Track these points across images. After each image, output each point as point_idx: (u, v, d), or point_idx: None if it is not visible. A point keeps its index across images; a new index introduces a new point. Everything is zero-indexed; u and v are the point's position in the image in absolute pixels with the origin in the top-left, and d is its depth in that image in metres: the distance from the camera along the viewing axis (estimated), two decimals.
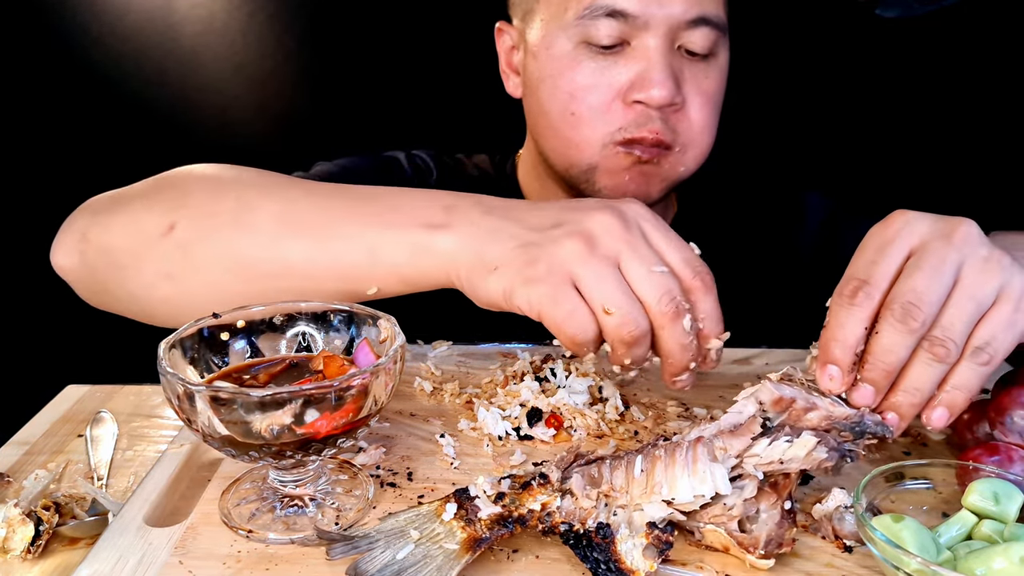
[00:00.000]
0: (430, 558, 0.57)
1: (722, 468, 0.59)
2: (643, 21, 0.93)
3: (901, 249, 0.65)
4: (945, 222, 0.66)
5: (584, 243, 0.67)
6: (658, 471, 0.60)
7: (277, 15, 1.59)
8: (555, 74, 0.99)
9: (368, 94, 1.62)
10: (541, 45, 1.00)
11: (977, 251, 0.64)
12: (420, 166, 1.17)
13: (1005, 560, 0.52)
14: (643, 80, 0.94)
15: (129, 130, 1.64)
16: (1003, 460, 0.64)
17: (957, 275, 0.63)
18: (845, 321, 0.64)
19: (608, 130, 0.97)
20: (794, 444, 0.61)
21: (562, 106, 0.99)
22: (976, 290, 0.63)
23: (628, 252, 0.67)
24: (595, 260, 0.66)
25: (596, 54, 0.96)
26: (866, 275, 0.65)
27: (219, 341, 0.68)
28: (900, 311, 0.62)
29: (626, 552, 0.56)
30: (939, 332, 0.62)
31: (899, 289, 0.63)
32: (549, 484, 0.60)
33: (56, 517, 0.64)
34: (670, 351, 0.68)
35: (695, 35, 0.95)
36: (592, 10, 0.94)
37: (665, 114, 0.96)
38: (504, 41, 1.11)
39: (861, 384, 0.64)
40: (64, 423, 0.82)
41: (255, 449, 0.59)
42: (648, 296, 0.67)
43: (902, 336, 0.62)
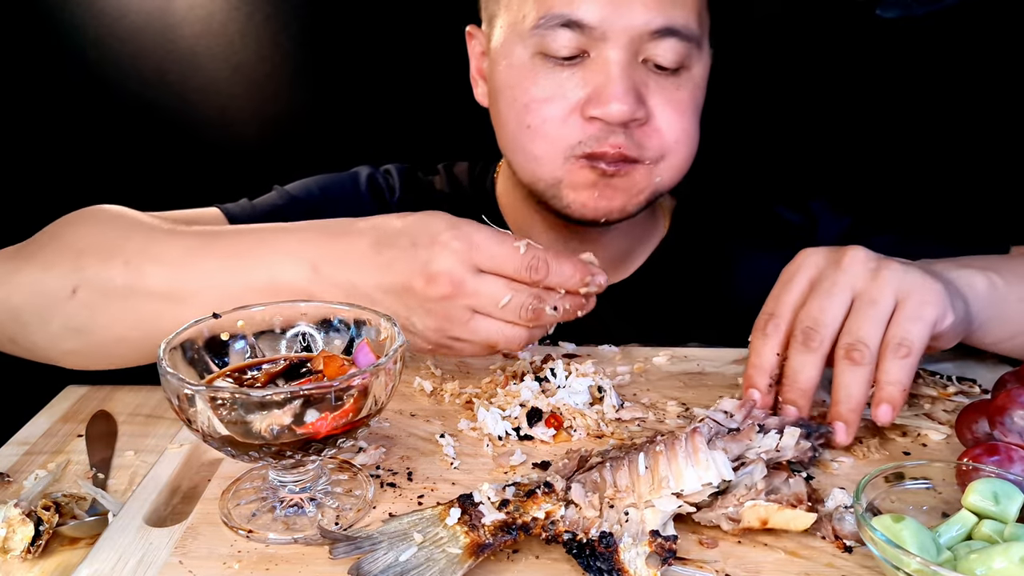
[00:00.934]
0: (433, 561, 0.57)
1: (722, 455, 0.62)
2: (601, 32, 0.88)
3: (801, 281, 0.75)
4: (836, 251, 0.75)
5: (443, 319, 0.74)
6: (662, 466, 0.61)
7: (275, 16, 1.59)
8: (512, 85, 0.95)
9: (367, 95, 1.62)
10: (500, 54, 0.97)
11: (866, 267, 0.73)
12: (381, 185, 1.14)
13: (1005, 560, 0.52)
14: (600, 95, 0.89)
15: (128, 131, 1.64)
16: (1003, 460, 0.64)
17: (853, 292, 0.72)
18: (760, 350, 0.75)
19: (568, 143, 0.93)
20: (784, 435, 0.67)
21: (518, 118, 0.95)
22: (874, 296, 0.71)
23: (475, 304, 0.74)
24: (457, 325, 0.75)
25: (554, 65, 0.92)
26: (773, 308, 0.75)
27: (219, 341, 0.68)
28: (801, 335, 0.72)
29: (629, 561, 0.56)
30: (849, 339, 0.70)
31: (799, 317, 0.73)
32: (554, 493, 0.60)
33: (56, 517, 0.64)
34: (553, 320, 0.77)
35: (661, 47, 0.90)
36: (548, 20, 0.89)
37: (629, 128, 0.91)
38: (474, 46, 1.07)
39: (783, 405, 0.74)
40: (64, 423, 0.82)
41: (255, 449, 0.59)
42: (511, 319, 0.75)
43: (805, 356, 0.72)
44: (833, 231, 1.13)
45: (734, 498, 0.61)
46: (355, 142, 1.63)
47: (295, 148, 1.65)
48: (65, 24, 1.57)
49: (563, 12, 0.89)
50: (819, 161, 1.56)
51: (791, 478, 0.63)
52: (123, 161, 1.65)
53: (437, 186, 1.18)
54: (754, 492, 0.61)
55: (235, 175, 1.64)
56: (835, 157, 1.56)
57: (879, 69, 1.50)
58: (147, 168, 1.66)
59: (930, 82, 1.49)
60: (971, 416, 0.71)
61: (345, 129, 1.65)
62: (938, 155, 1.53)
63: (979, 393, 0.84)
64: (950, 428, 0.77)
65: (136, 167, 1.66)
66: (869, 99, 1.53)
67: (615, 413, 0.80)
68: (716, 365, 0.92)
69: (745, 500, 0.61)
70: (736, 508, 0.61)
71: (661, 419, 0.81)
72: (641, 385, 0.88)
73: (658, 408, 0.83)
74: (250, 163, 1.65)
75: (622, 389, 0.86)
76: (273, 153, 1.67)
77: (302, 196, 1.11)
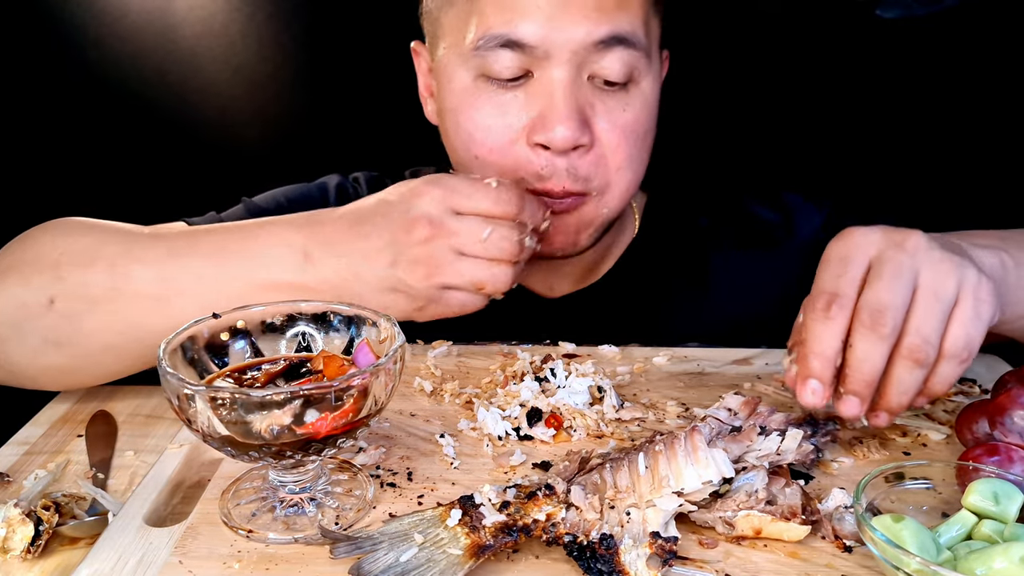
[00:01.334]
0: (433, 562, 0.57)
1: (722, 452, 0.61)
2: (544, 51, 0.84)
3: (861, 261, 0.69)
4: (896, 233, 0.70)
5: (427, 264, 0.77)
6: (662, 465, 0.61)
7: (276, 16, 1.59)
8: (456, 109, 0.92)
9: (367, 96, 1.62)
10: (444, 76, 0.93)
11: (930, 255, 0.68)
12: (350, 194, 1.12)
13: (1005, 560, 0.52)
14: (544, 120, 0.86)
15: (128, 131, 1.64)
16: (1003, 460, 0.64)
17: (916, 280, 0.67)
18: (822, 335, 0.67)
19: (515, 174, 0.90)
20: (786, 437, 0.66)
21: (465, 147, 0.92)
22: (938, 289, 0.66)
23: (456, 243, 0.77)
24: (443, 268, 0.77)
25: (497, 88, 0.88)
26: (835, 288, 0.68)
27: (219, 341, 0.68)
28: (869, 320, 0.65)
29: (630, 563, 0.56)
30: (915, 338, 0.65)
31: (865, 300, 0.66)
32: (555, 495, 0.60)
33: (56, 517, 0.64)
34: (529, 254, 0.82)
35: (608, 60, 0.86)
36: (487, 40, 0.86)
37: (571, 160, 0.88)
38: (420, 63, 1.03)
39: (846, 396, 0.67)
40: (64, 423, 0.82)
41: (255, 449, 0.59)
42: (493, 255, 0.78)
43: (874, 344, 0.65)
44: (815, 222, 1.10)
45: (733, 503, 0.61)
46: (356, 142, 1.63)
47: (296, 149, 1.65)
48: (65, 24, 1.57)
49: (502, 32, 0.85)
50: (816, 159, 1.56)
51: (788, 487, 0.63)
52: (123, 161, 1.65)
53: None
54: (754, 500, 0.61)
55: (235, 175, 1.64)
56: (834, 158, 1.56)
57: (879, 69, 1.50)
58: (147, 168, 1.66)
59: (930, 83, 1.49)
60: (971, 416, 0.71)
61: (346, 129, 1.65)
62: (937, 155, 1.53)
63: (979, 393, 0.84)
64: (950, 428, 0.77)
65: (136, 167, 1.66)
66: (868, 99, 1.53)
67: (615, 413, 0.80)
68: (716, 365, 0.92)
69: (743, 507, 0.61)
70: (733, 513, 0.61)
71: (661, 419, 0.81)
72: (641, 385, 0.88)
73: (658, 408, 0.83)
74: (251, 163, 1.65)
75: (622, 389, 0.86)
76: (274, 154, 1.67)
77: (270, 208, 1.09)
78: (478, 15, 0.87)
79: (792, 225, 1.10)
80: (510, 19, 0.85)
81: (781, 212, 1.11)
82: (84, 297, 0.80)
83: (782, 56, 1.51)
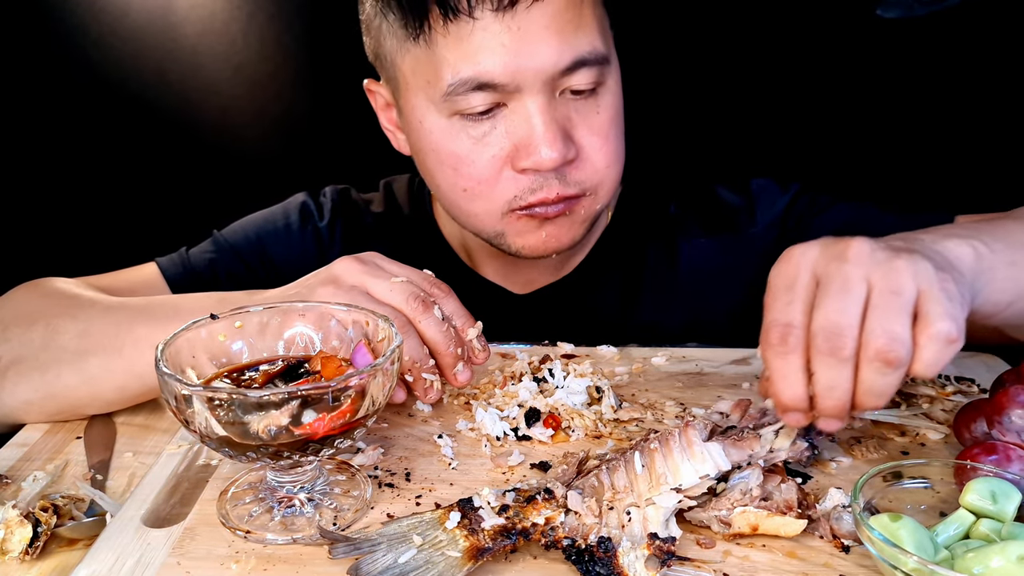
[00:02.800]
0: (432, 564, 0.57)
1: (717, 446, 0.62)
2: (515, 85, 0.85)
3: (805, 281, 0.65)
4: (837, 244, 0.65)
5: (332, 284, 0.77)
6: (658, 463, 0.61)
7: (277, 15, 1.59)
8: (435, 148, 0.92)
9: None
10: (414, 117, 0.93)
11: (875, 257, 0.63)
12: (311, 210, 1.15)
13: (1002, 559, 0.52)
14: (528, 145, 0.87)
15: (129, 131, 1.64)
16: (1001, 459, 0.64)
17: (868, 286, 0.62)
18: (783, 370, 0.63)
19: (505, 199, 0.91)
20: (779, 435, 0.67)
21: (451, 182, 0.93)
22: (894, 286, 0.61)
23: (369, 278, 0.77)
24: (343, 292, 0.76)
25: (473, 122, 0.89)
26: (786, 318, 0.64)
27: (217, 342, 0.68)
28: (826, 346, 0.61)
29: (628, 564, 0.56)
30: (880, 339, 0.60)
31: (817, 325, 0.62)
32: (554, 499, 0.60)
33: (54, 518, 0.64)
34: (435, 340, 0.76)
35: (575, 78, 0.87)
36: (457, 86, 0.86)
37: (561, 171, 0.89)
38: (377, 100, 1.04)
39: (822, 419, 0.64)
40: (62, 425, 0.82)
41: (253, 450, 0.59)
42: (396, 302, 0.75)
43: (837, 370, 0.61)
44: (778, 206, 1.09)
45: (727, 501, 0.61)
46: (355, 142, 1.63)
47: (296, 148, 1.65)
48: (67, 24, 1.57)
49: (471, 76, 0.85)
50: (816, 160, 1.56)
51: (784, 483, 0.63)
52: (124, 160, 1.65)
53: (374, 207, 1.18)
54: (748, 498, 0.61)
55: (236, 175, 1.65)
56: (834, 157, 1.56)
57: (880, 69, 1.50)
58: (148, 168, 1.66)
59: (931, 83, 1.49)
60: (969, 415, 0.71)
61: (346, 129, 1.65)
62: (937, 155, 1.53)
63: (977, 392, 0.84)
64: (948, 427, 0.77)
65: (137, 167, 1.66)
66: (869, 99, 1.53)
67: (613, 413, 0.80)
68: (714, 365, 0.92)
69: (738, 505, 0.61)
70: (728, 511, 0.61)
71: (660, 419, 0.80)
72: (639, 385, 0.88)
73: (656, 408, 0.82)
74: (251, 163, 1.65)
75: (620, 389, 0.86)
76: (274, 153, 1.67)
77: (239, 243, 1.13)
78: (441, 62, 0.86)
79: (754, 209, 1.10)
80: (477, 62, 0.85)
81: (746, 197, 1.11)
82: (18, 354, 0.83)
83: (783, 56, 1.51)
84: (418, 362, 0.75)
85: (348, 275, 0.77)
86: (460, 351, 0.77)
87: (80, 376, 0.80)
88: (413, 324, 0.75)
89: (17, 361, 0.83)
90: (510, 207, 0.91)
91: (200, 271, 1.09)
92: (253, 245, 1.14)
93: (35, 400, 0.82)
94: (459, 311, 0.79)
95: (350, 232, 1.15)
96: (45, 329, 0.84)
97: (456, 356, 0.77)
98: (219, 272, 1.10)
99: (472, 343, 0.78)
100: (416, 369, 0.75)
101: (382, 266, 0.79)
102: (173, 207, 1.64)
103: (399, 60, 0.92)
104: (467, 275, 1.11)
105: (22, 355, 0.83)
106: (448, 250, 1.13)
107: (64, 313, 0.85)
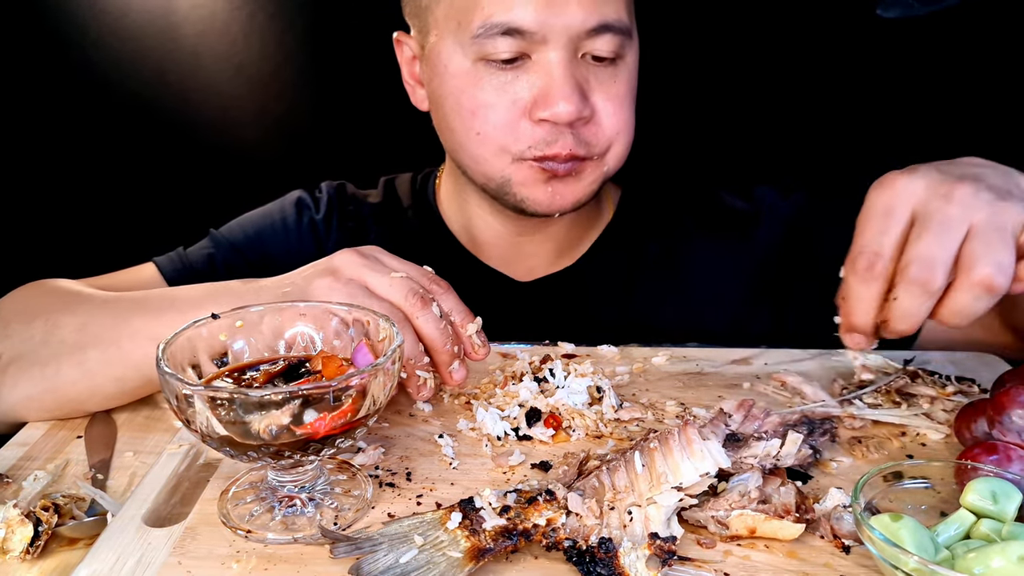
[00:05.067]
0: (433, 564, 0.57)
1: (716, 444, 0.62)
2: (541, 36, 0.90)
3: (903, 214, 0.67)
4: (943, 182, 0.67)
5: (329, 275, 0.76)
6: (658, 462, 0.61)
7: (278, 15, 1.59)
8: (456, 92, 0.96)
9: (369, 95, 1.62)
10: (439, 61, 0.97)
11: (979, 199, 0.65)
12: (307, 205, 1.17)
13: (1003, 559, 0.52)
14: (547, 96, 0.91)
15: (129, 131, 1.64)
16: (1001, 459, 0.64)
17: (968, 227, 0.65)
18: (863, 295, 0.68)
19: (518, 148, 0.94)
20: (786, 442, 0.66)
21: (466, 125, 0.96)
22: (999, 222, 0.64)
23: (368, 271, 0.76)
24: (341, 284, 0.75)
25: (496, 70, 0.92)
26: (877, 247, 0.67)
27: (218, 342, 0.68)
28: (919, 275, 0.64)
29: (630, 564, 0.56)
30: (988, 271, 0.63)
31: (910, 254, 0.65)
32: (555, 501, 0.60)
33: (55, 518, 0.64)
34: (431, 336, 0.75)
35: (598, 42, 0.92)
36: (487, 29, 0.90)
37: (575, 128, 0.93)
38: (403, 52, 1.07)
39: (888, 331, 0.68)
40: (63, 424, 0.82)
41: (254, 449, 0.59)
42: (395, 297, 0.74)
43: (920, 299, 0.65)
44: (782, 212, 1.13)
45: (726, 503, 0.61)
46: (357, 142, 1.63)
47: (297, 148, 1.65)
48: (66, 24, 1.57)
49: (503, 20, 0.89)
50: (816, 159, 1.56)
51: (784, 486, 0.63)
52: (125, 160, 1.65)
53: (371, 199, 1.19)
54: (746, 500, 0.61)
55: (237, 175, 1.65)
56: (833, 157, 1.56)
57: (879, 69, 1.50)
58: (149, 167, 1.66)
59: (931, 83, 1.49)
60: (970, 415, 0.71)
61: (347, 129, 1.65)
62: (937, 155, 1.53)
63: (978, 392, 0.84)
64: (949, 427, 0.77)
65: (138, 166, 1.66)
66: (869, 99, 1.53)
67: (614, 413, 0.80)
68: (715, 365, 0.92)
69: (736, 507, 0.61)
70: (726, 512, 0.61)
71: (660, 419, 0.81)
72: (640, 385, 0.88)
73: (657, 408, 0.83)
74: (252, 163, 1.65)
75: (621, 389, 0.86)
76: (275, 153, 1.67)
77: (237, 239, 1.14)
78: (475, 6, 0.91)
79: (759, 214, 1.14)
80: (509, 8, 0.89)
81: (750, 202, 1.15)
82: (19, 349, 0.83)
83: (783, 56, 1.51)
84: (412, 359, 0.74)
85: (347, 268, 0.77)
86: (457, 349, 0.76)
87: (79, 370, 0.80)
88: (410, 320, 0.75)
89: (18, 357, 0.83)
90: (522, 155, 0.95)
91: (198, 268, 1.10)
92: (251, 241, 1.14)
93: (35, 396, 0.82)
94: (458, 307, 0.78)
95: (346, 223, 1.16)
96: (45, 324, 0.84)
97: (452, 354, 0.76)
98: (218, 267, 1.11)
99: (471, 339, 0.78)
100: (410, 366, 0.74)
101: (382, 260, 0.78)
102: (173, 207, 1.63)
103: (434, 5, 0.96)
104: (469, 261, 1.13)
105: (22, 351, 0.83)
106: (450, 237, 1.14)
107: (63, 308, 0.85)
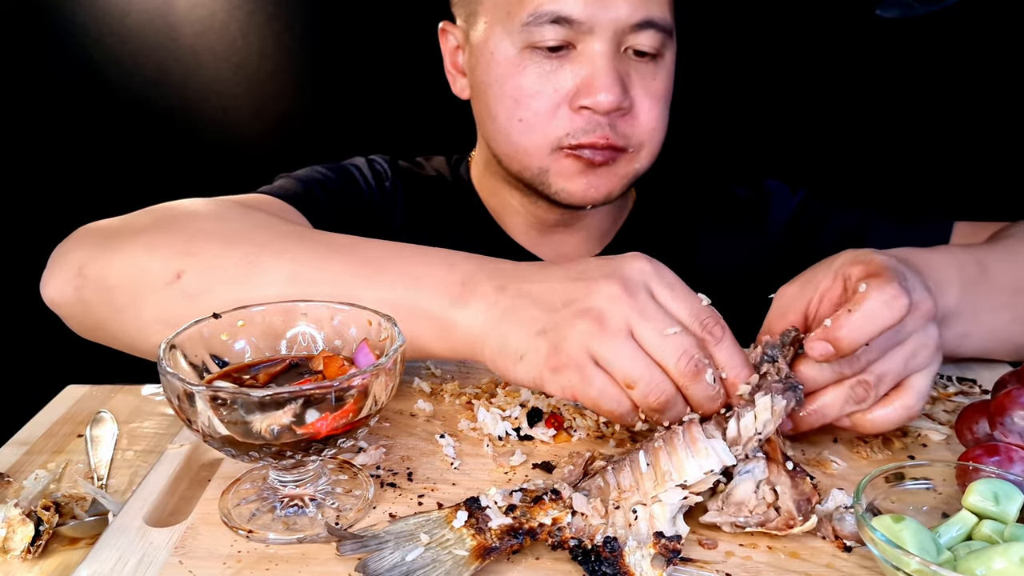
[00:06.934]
0: (439, 562, 0.57)
1: (720, 441, 0.62)
2: (588, 26, 0.93)
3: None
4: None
5: (595, 322, 0.66)
6: (663, 460, 0.61)
7: (277, 15, 1.59)
8: (501, 79, 0.98)
9: (369, 94, 1.62)
10: (486, 48, 1.00)
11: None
12: (380, 172, 1.16)
13: (1005, 560, 0.52)
14: (589, 85, 0.94)
15: (128, 131, 1.64)
16: (1003, 460, 0.64)
17: None
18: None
19: (556, 135, 0.97)
20: (757, 409, 0.64)
21: (508, 112, 0.99)
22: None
23: (638, 320, 0.66)
24: (608, 336, 0.65)
25: (542, 58, 0.96)
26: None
27: (219, 341, 0.68)
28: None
29: (635, 564, 0.56)
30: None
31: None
32: (561, 500, 0.60)
33: (56, 517, 0.64)
34: (700, 405, 0.67)
35: (641, 37, 0.95)
36: (537, 17, 0.93)
37: (613, 119, 0.96)
38: (448, 41, 1.10)
39: None
40: (64, 423, 0.82)
41: (255, 449, 0.59)
42: (667, 360, 0.66)
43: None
44: (789, 206, 1.18)
45: (746, 508, 0.61)
46: (357, 141, 1.63)
47: (297, 148, 1.65)
48: (67, 23, 1.57)
49: (552, 9, 0.93)
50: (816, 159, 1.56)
51: (779, 476, 0.62)
52: (124, 160, 1.65)
53: (425, 171, 1.21)
54: (763, 504, 0.61)
55: (237, 174, 1.64)
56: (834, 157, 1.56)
57: (879, 69, 1.50)
58: (149, 167, 1.66)
59: (930, 82, 1.49)
60: (971, 416, 0.71)
61: (347, 128, 1.65)
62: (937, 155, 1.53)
63: (979, 393, 0.84)
64: (950, 428, 0.77)
65: (138, 166, 1.66)
66: (869, 99, 1.53)
67: None
68: None
69: (756, 512, 0.61)
70: (746, 519, 0.61)
71: None
72: None
73: None
74: (251, 162, 1.65)
75: None
76: (275, 153, 1.67)
77: (331, 178, 1.10)
78: None
79: (768, 206, 1.19)
80: None
81: (759, 194, 1.20)
82: (211, 279, 0.76)
83: (782, 56, 1.51)
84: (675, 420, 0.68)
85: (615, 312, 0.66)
86: None
87: None
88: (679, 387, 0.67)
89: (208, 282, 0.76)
90: (560, 144, 0.97)
91: (311, 196, 1.04)
92: (330, 189, 1.09)
93: None
94: (731, 360, 0.68)
95: (411, 193, 1.16)
96: (244, 259, 0.76)
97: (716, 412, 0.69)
98: (327, 199, 1.06)
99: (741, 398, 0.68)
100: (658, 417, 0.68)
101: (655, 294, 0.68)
102: None
103: None
104: (500, 238, 1.15)
105: (210, 282, 0.76)
106: (485, 214, 1.16)
107: (266, 245, 0.78)
